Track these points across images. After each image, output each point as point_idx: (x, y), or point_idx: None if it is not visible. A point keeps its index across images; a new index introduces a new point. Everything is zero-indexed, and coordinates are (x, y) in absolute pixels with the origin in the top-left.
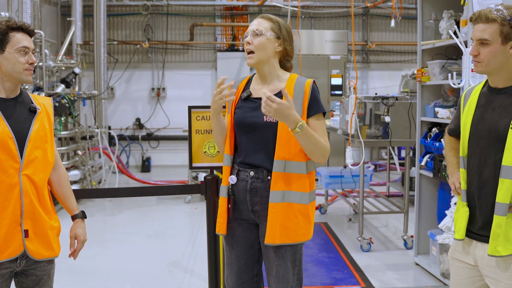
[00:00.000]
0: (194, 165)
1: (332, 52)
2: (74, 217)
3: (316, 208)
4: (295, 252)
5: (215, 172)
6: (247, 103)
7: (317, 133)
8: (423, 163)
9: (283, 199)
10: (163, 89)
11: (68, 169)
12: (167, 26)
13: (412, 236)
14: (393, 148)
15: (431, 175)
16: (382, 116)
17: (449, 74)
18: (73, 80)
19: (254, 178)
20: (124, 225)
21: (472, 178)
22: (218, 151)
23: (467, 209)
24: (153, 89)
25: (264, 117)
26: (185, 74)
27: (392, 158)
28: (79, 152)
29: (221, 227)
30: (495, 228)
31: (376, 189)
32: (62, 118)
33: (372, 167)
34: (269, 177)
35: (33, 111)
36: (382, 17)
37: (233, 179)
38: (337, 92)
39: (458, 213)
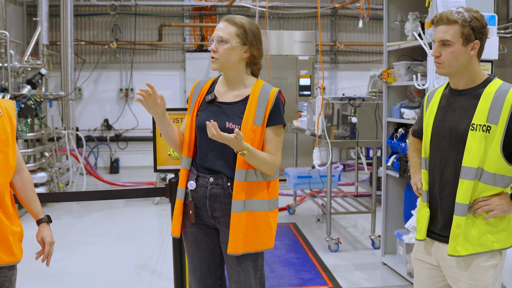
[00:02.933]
0: (158, 167)
1: (301, 52)
2: (39, 222)
3: (285, 209)
4: (257, 258)
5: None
6: (211, 106)
7: (270, 145)
8: (389, 164)
9: (244, 208)
10: (132, 89)
11: (34, 171)
12: (135, 26)
13: (379, 236)
14: (361, 148)
15: (397, 175)
16: (349, 117)
17: (414, 76)
18: (39, 81)
19: (214, 184)
20: (92, 227)
21: (434, 179)
22: None
23: (428, 209)
24: (121, 89)
25: (226, 123)
26: (153, 75)
27: (360, 158)
28: (46, 154)
29: (175, 229)
30: (455, 228)
31: (345, 189)
32: (28, 120)
33: (341, 167)
34: (228, 184)
35: None
36: (351, 18)
37: (192, 184)
38: (305, 93)
39: (419, 214)
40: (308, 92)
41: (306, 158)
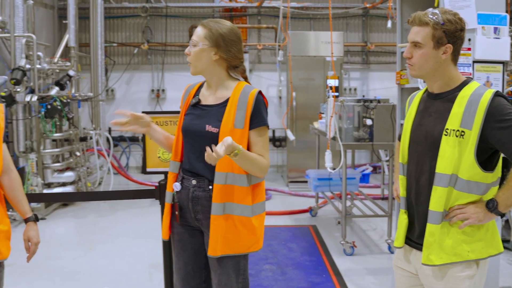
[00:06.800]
0: (148, 170)
1: (329, 53)
2: (26, 220)
3: (306, 211)
4: (238, 262)
5: None
6: (195, 109)
7: (257, 147)
8: None
9: (224, 211)
10: (163, 90)
11: (62, 170)
12: (166, 28)
13: None
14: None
15: None
16: (364, 119)
17: None
18: (67, 82)
19: (196, 187)
20: (114, 226)
21: (411, 185)
22: None
23: (405, 216)
24: (152, 90)
25: (206, 125)
26: (184, 76)
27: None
28: (77, 153)
29: (164, 232)
30: (428, 237)
31: (372, 191)
32: (56, 120)
33: (370, 168)
34: (210, 187)
35: None
36: (382, 18)
37: (177, 186)
38: (334, 94)
39: (398, 221)
40: (337, 93)
41: None
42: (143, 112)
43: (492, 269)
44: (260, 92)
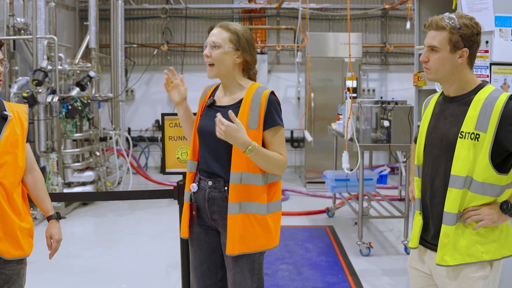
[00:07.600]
0: (167, 170)
1: (347, 54)
2: (49, 218)
3: (323, 211)
4: (253, 261)
5: None
6: (210, 111)
7: (273, 146)
8: None
9: (240, 210)
10: None
11: (82, 170)
12: (185, 29)
13: None
14: (401, 151)
15: None
16: (381, 121)
17: None
18: (88, 83)
19: (212, 187)
20: (133, 226)
21: (426, 187)
22: None
23: (420, 217)
24: None
25: None
26: (203, 77)
27: (405, 161)
28: (97, 153)
29: (183, 230)
30: (442, 238)
31: (390, 192)
32: (76, 121)
33: (388, 170)
34: (226, 188)
35: (4, 118)
36: (401, 19)
37: (194, 187)
38: (352, 95)
39: (414, 222)
40: (355, 94)
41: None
42: (162, 114)
43: (506, 270)
44: (272, 93)
